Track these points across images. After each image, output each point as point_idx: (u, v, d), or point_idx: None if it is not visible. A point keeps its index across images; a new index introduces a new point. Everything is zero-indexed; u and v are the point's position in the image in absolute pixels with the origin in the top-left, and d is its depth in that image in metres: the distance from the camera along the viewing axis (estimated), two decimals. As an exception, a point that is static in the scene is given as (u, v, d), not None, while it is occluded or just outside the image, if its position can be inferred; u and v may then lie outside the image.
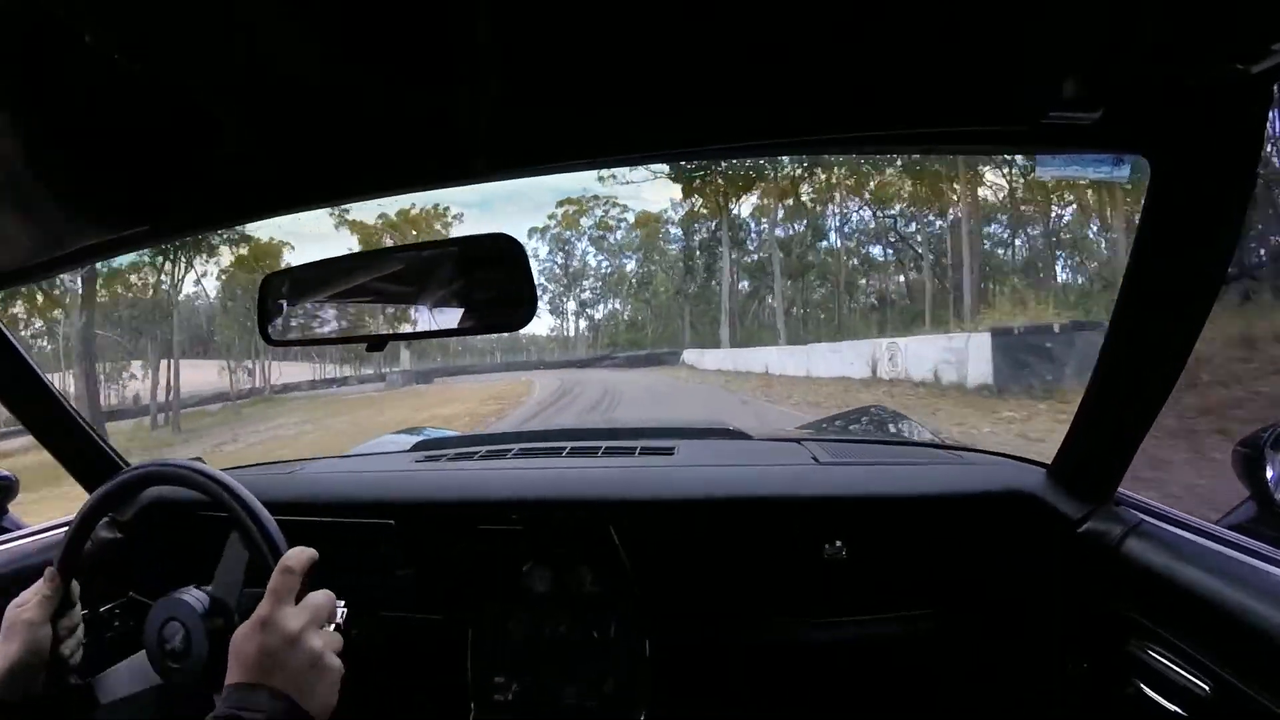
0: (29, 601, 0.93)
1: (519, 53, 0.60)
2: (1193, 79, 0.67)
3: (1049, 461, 1.21)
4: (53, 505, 1.55)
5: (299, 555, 0.81)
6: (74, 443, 1.38)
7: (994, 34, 0.56)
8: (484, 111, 0.66)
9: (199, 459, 1.46)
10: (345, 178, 0.92)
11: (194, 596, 0.97)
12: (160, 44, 0.60)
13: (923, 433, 1.87)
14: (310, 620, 0.76)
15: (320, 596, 0.80)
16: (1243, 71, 0.63)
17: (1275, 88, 0.68)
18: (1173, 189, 0.81)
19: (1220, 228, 0.80)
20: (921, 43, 0.57)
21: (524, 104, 0.65)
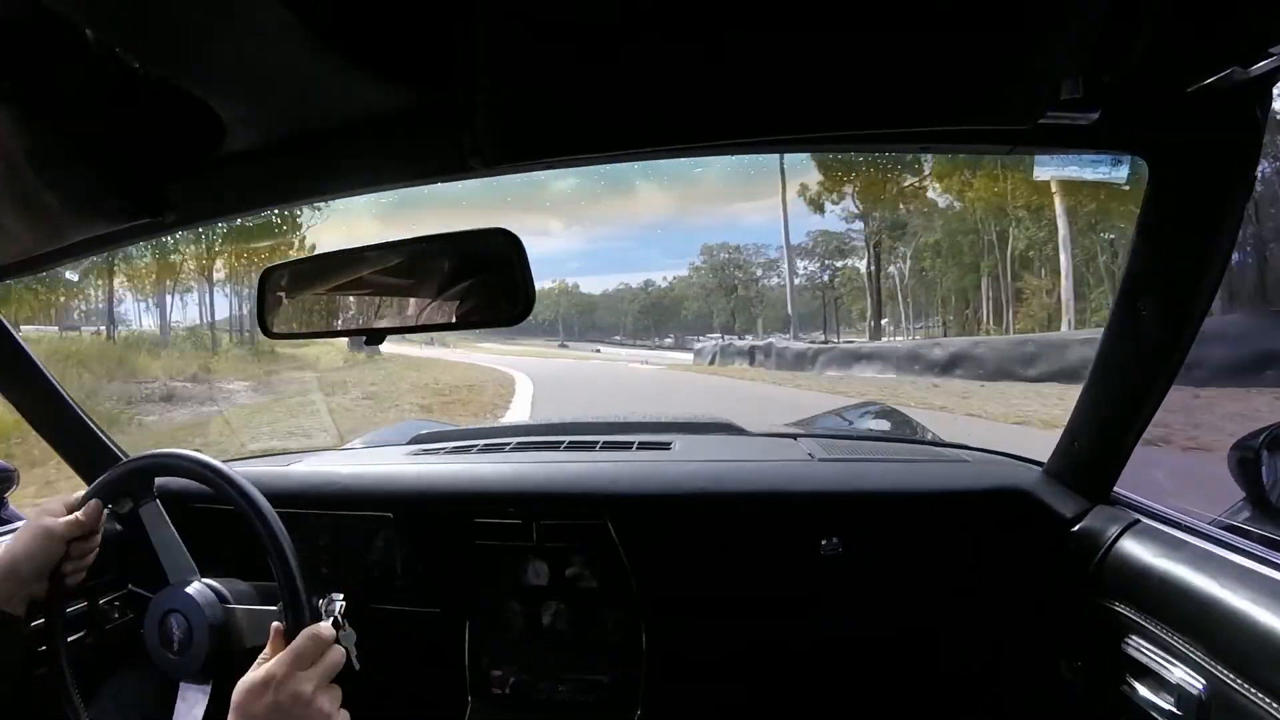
0: (57, 514, 0.95)
1: (517, 49, 0.60)
2: (1191, 81, 0.67)
3: (1045, 460, 1.22)
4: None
5: (328, 630, 0.83)
6: (72, 434, 1.38)
7: (993, 33, 0.56)
8: (482, 107, 0.67)
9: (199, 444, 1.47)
10: (344, 172, 0.92)
11: (194, 589, 0.98)
12: (161, 40, 0.60)
13: (919, 430, 1.87)
14: (322, 681, 0.78)
15: (335, 654, 0.81)
16: (1241, 73, 0.63)
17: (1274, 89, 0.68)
18: (1171, 190, 0.81)
19: (1218, 228, 0.80)
20: (920, 41, 0.57)
21: (523, 100, 0.65)
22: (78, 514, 0.95)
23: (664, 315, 44.79)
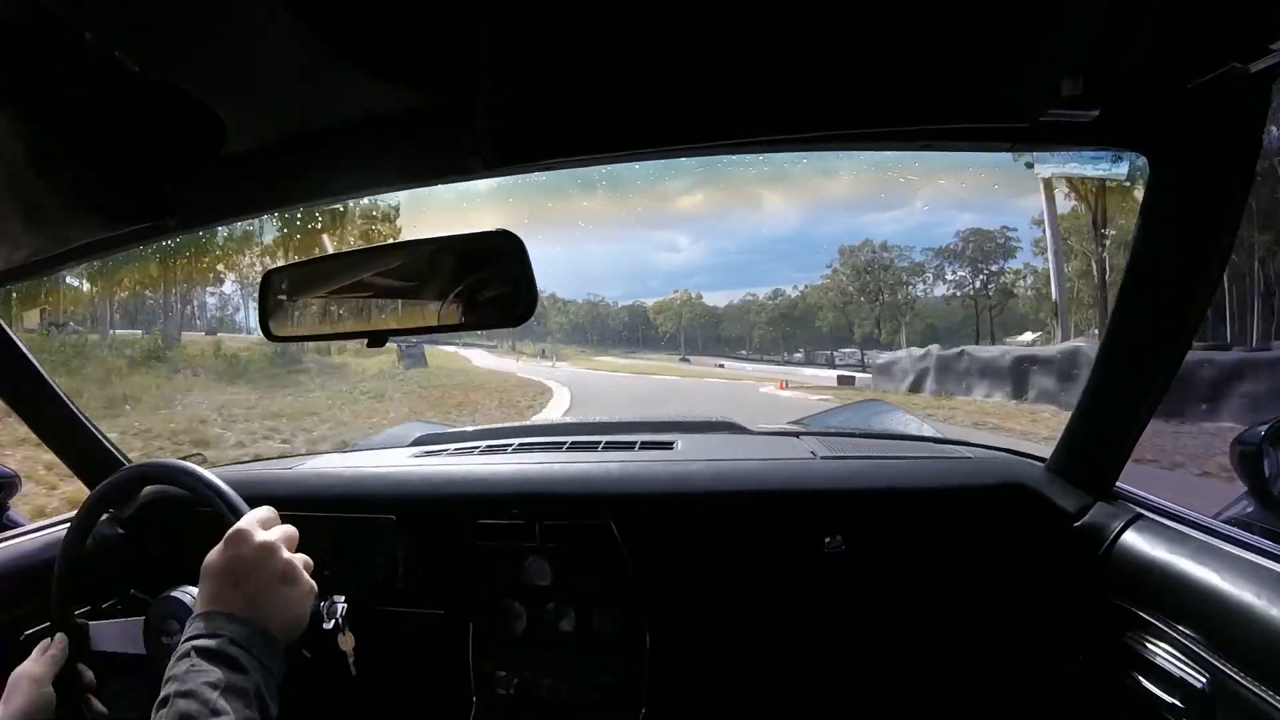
0: (35, 663, 0.95)
1: (517, 49, 0.60)
2: (1191, 77, 0.67)
3: (1048, 456, 1.22)
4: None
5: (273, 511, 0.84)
6: (75, 439, 1.38)
7: (993, 32, 0.56)
8: (482, 107, 0.67)
9: (199, 454, 1.47)
10: (344, 173, 0.92)
11: (192, 596, 0.98)
12: (161, 41, 0.60)
13: (921, 427, 1.87)
14: (281, 538, 0.78)
15: (290, 527, 0.82)
16: (1241, 70, 0.63)
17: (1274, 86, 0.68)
18: (1171, 186, 0.81)
19: (1219, 225, 0.80)
20: (921, 40, 0.57)
21: (523, 100, 0.65)
22: (51, 652, 0.97)
23: (795, 327, 40.68)
